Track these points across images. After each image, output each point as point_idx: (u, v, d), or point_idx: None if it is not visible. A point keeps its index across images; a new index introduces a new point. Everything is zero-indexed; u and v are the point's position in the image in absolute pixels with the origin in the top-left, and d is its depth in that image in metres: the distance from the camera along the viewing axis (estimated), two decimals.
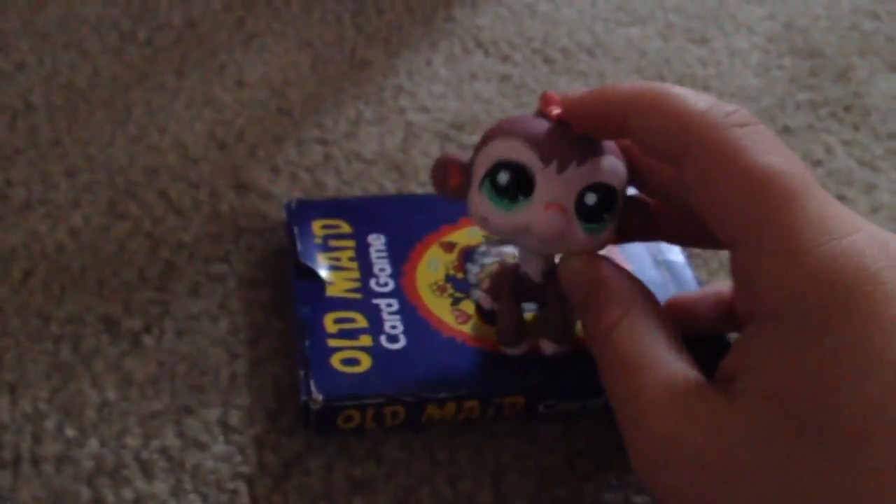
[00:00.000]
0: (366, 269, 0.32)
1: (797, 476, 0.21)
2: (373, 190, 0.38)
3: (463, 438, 0.30)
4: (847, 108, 0.45)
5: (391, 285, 0.32)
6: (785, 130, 0.43)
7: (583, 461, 0.30)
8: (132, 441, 0.29)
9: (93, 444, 0.28)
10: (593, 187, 0.26)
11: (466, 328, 0.31)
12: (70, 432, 0.29)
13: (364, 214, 0.34)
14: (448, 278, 0.32)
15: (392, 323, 0.30)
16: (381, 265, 0.32)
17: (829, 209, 0.22)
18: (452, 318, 0.31)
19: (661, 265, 0.34)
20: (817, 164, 0.42)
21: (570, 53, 0.47)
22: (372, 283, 0.32)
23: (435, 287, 0.32)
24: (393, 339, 0.30)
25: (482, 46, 0.47)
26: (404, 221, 0.34)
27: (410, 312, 0.31)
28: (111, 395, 0.30)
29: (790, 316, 0.21)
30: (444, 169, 0.27)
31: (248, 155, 0.39)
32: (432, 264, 0.33)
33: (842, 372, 0.20)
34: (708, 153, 0.23)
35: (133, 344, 0.31)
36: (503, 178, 0.26)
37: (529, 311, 0.30)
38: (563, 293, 0.28)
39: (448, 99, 0.44)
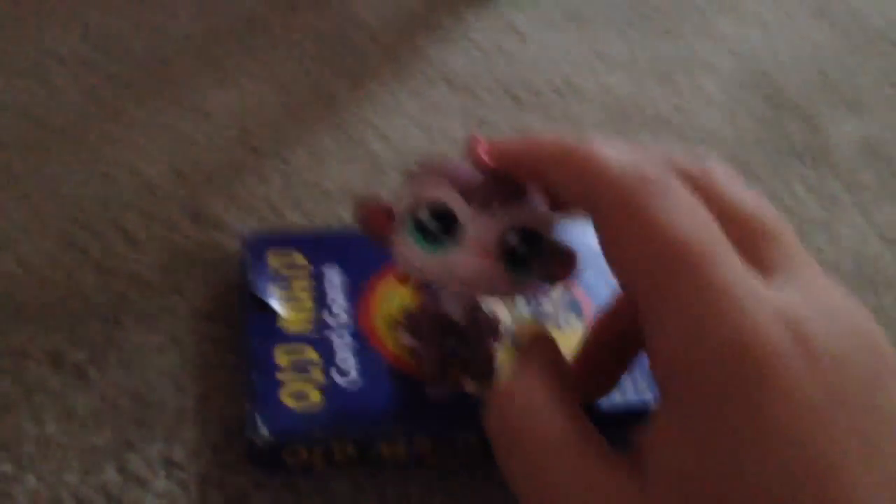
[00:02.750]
0: (320, 302, 0.31)
1: None
2: (334, 223, 0.38)
3: (415, 478, 0.29)
4: (809, 149, 0.45)
5: (345, 318, 0.31)
6: (748, 170, 0.43)
7: None
8: (70, 477, 0.28)
9: (29, 479, 0.27)
10: (518, 230, 0.25)
11: None
12: (6, 467, 0.28)
13: (321, 247, 0.33)
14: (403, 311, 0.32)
15: (343, 356, 0.30)
16: (337, 298, 0.32)
17: (734, 280, 0.21)
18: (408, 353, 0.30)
19: None
20: (779, 204, 0.41)
21: (540, 93, 0.47)
22: (326, 315, 0.31)
23: (391, 321, 0.31)
24: (344, 373, 0.29)
25: (449, 82, 0.47)
26: (362, 254, 0.33)
27: (364, 346, 0.30)
28: (51, 428, 0.29)
29: (691, 394, 0.20)
30: (368, 211, 0.27)
31: (208, 186, 0.39)
32: (389, 297, 0.32)
33: (746, 462, 0.20)
34: (616, 216, 0.22)
35: (77, 377, 0.30)
36: (426, 218, 0.25)
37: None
38: (485, 332, 0.27)
39: (412, 132, 0.43)
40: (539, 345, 0.25)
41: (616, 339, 0.28)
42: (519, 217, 0.25)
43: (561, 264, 0.27)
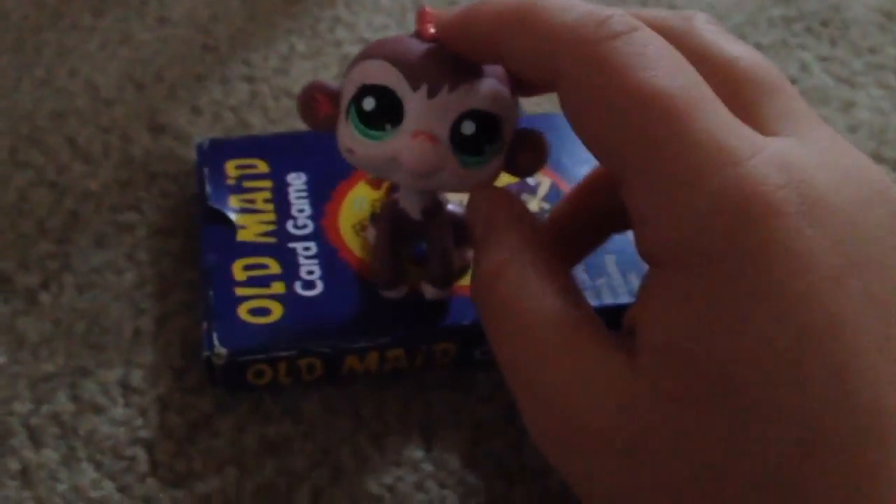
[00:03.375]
0: (283, 211, 0.29)
1: (710, 448, 0.18)
2: (302, 128, 0.35)
3: (390, 392, 0.27)
4: (824, 23, 0.41)
5: (310, 227, 0.29)
6: (757, 48, 0.40)
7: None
8: (20, 407, 0.26)
9: None
10: (470, 114, 0.22)
11: None
12: None
13: (283, 152, 0.31)
14: (374, 217, 0.29)
15: (309, 268, 0.28)
16: (301, 206, 0.29)
17: (723, 128, 0.18)
18: None
19: None
20: (792, 82, 0.38)
21: None
22: (289, 225, 0.29)
23: (359, 227, 0.29)
24: (309, 285, 0.27)
25: None
26: (328, 158, 0.31)
27: (330, 256, 0.28)
28: (0, 357, 0.27)
29: (685, 259, 0.18)
30: (311, 98, 0.24)
31: (167, 95, 0.36)
32: (357, 203, 0.30)
33: (747, 321, 0.17)
34: (578, 75, 0.19)
35: (28, 302, 0.29)
36: (369, 103, 0.23)
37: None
38: (445, 233, 0.25)
39: (390, 29, 0.40)
40: (511, 208, 0.23)
41: (591, 215, 0.26)
42: (471, 99, 0.22)
43: (528, 150, 0.24)
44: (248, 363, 0.25)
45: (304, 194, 0.30)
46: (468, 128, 0.22)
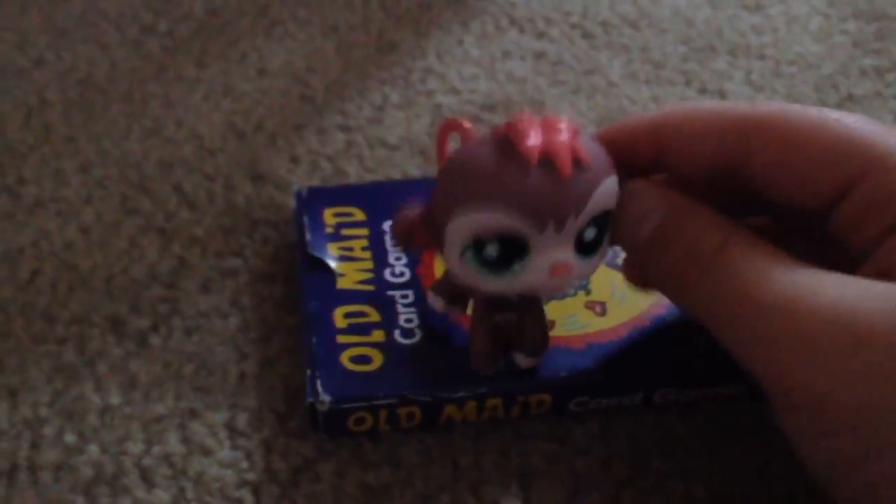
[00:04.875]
0: (380, 259, 0.30)
1: None
2: (397, 177, 0.36)
3: (487, 441, 0.27)
4: None
5: (407, 275, 0.29)
6: (849, 99, 0.39)
7: (619, 464, 0.27)
8: (133, 447, 0.27)
9: (93, 450, 0.27)
10: (592, 222, 0.22)
11: None
12: (70, 438, 0.27)
13: (379, 200, 0.32)
14: None
15: (407, 316, 0.28)
16: (397, 254, 0.30)
17: None
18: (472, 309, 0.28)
19: None
20: None
21: (612, 27, 0.44)
22: (387, 273, 0.29)
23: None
24: (408, 333, 0.28)
25: (516, 23, 0.44)
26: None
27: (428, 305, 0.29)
28: (114, 398, 0.28)
29: None
30: (409, 229, 0.23)
31: (267, 144, 0.37)
32: None
33: None
34: (778, 134, 0.22)
35: (139, 344, 0.30)
36: (492, 250, 0.22)
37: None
38: (538, 304, 0.25)
39: (480, 80, 0.41)
40: (688, 198, 0.23)
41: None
42: (592, 210, 0.22)
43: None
44: (350, 411, 0.26)
45: None
46: (591, 234, 0.22)
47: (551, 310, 0.28)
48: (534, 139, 0.21)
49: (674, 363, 0.27)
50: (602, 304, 0.29)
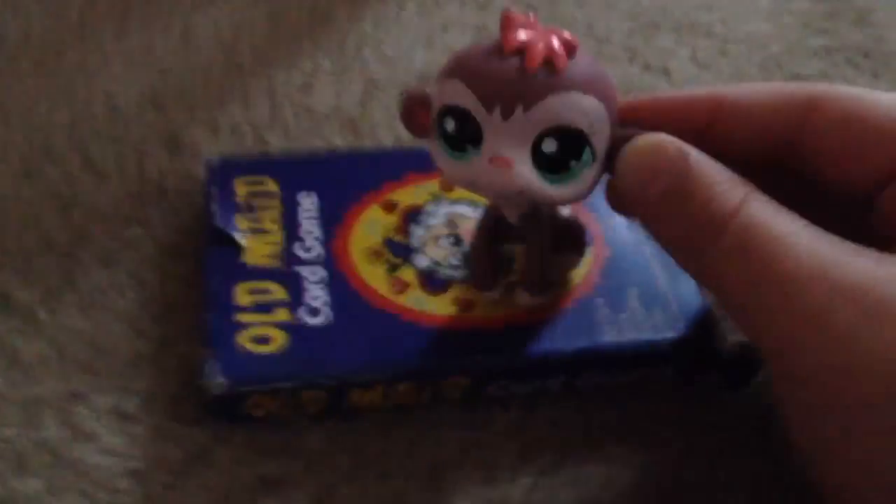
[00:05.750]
0: (291, 233, 0.28)
1: None
2: (317, 148, 0.34)
3: (397, 428, 0.25)
4: (866, 54, 0.39)
5: (319, 251, 0.27)
6: (795, 78, 0.38)
7: (538, 454, 0.25)
8: (8, 430, 0.25)
9: None
10: (552, 132, 0.21)
11: (403, 299, 0.26)
12: None
13: (295, 172, 0.30)
14: (386, 242, 0.28)
15: (315, 294, 0.26)
16: (310, 228, 0.28)
17: None
18: (387, 288, 0.26)
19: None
20: None
21: (557, 1, 0.42)
22: (297, 248, 0.27)
23: (370, 252, 0.27)
24: (314, 312, 0.26)
25: None
26: (341, 179, 0.29)
27: (338, 281, 0.27)
28: None
29: None
30: (411, 111, 0.23)
31: (187, 114, 0.35)
32: (370, 227, 0.28)
33: None
34: (836, 108, 0.22)
35: (25, 320, 0.27)
36: (449, 125, 0.22)
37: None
38: (543, 238, 0.25)
39: (417, 51, 0.39)
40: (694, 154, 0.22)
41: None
42: (551, 117, 0.21)
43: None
44: (248, 394, 0.24)
45: (314, 216, 0.28)
46: (550, 146, 0.21)
47: (473, 291, 0.26)
48: (520, 34, 0.21)
49: (597, 346, 0.25)
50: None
